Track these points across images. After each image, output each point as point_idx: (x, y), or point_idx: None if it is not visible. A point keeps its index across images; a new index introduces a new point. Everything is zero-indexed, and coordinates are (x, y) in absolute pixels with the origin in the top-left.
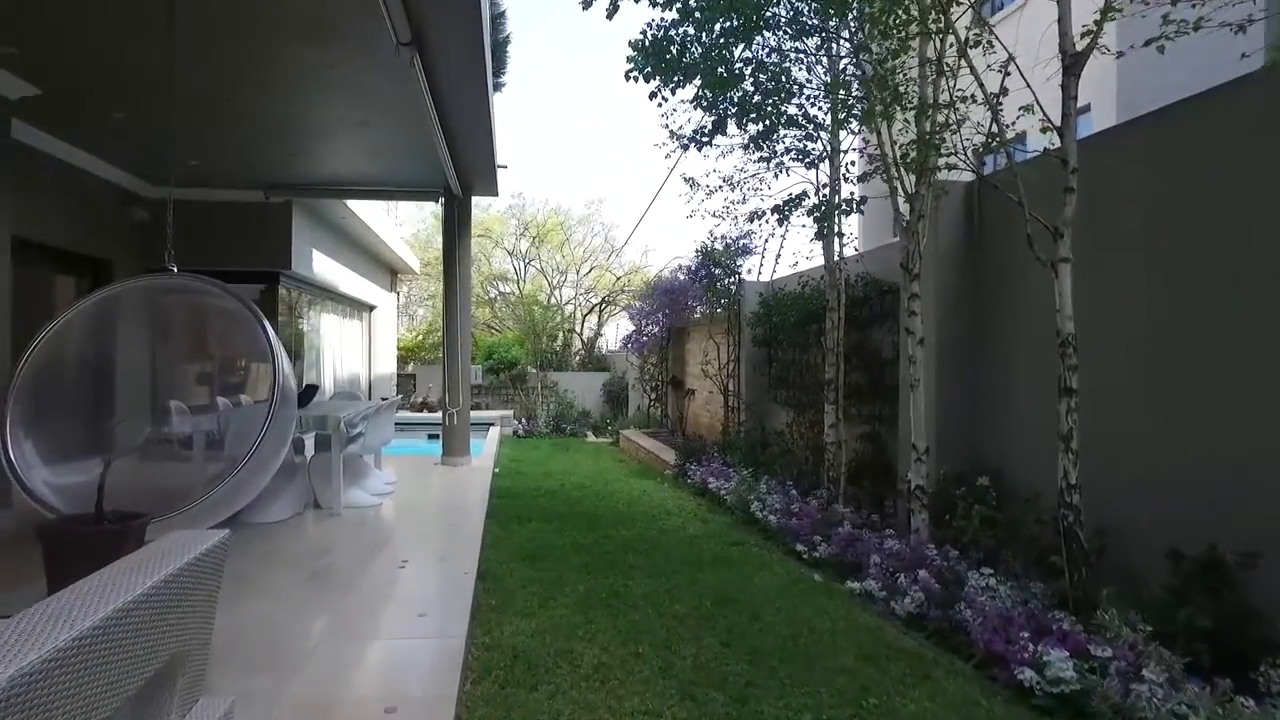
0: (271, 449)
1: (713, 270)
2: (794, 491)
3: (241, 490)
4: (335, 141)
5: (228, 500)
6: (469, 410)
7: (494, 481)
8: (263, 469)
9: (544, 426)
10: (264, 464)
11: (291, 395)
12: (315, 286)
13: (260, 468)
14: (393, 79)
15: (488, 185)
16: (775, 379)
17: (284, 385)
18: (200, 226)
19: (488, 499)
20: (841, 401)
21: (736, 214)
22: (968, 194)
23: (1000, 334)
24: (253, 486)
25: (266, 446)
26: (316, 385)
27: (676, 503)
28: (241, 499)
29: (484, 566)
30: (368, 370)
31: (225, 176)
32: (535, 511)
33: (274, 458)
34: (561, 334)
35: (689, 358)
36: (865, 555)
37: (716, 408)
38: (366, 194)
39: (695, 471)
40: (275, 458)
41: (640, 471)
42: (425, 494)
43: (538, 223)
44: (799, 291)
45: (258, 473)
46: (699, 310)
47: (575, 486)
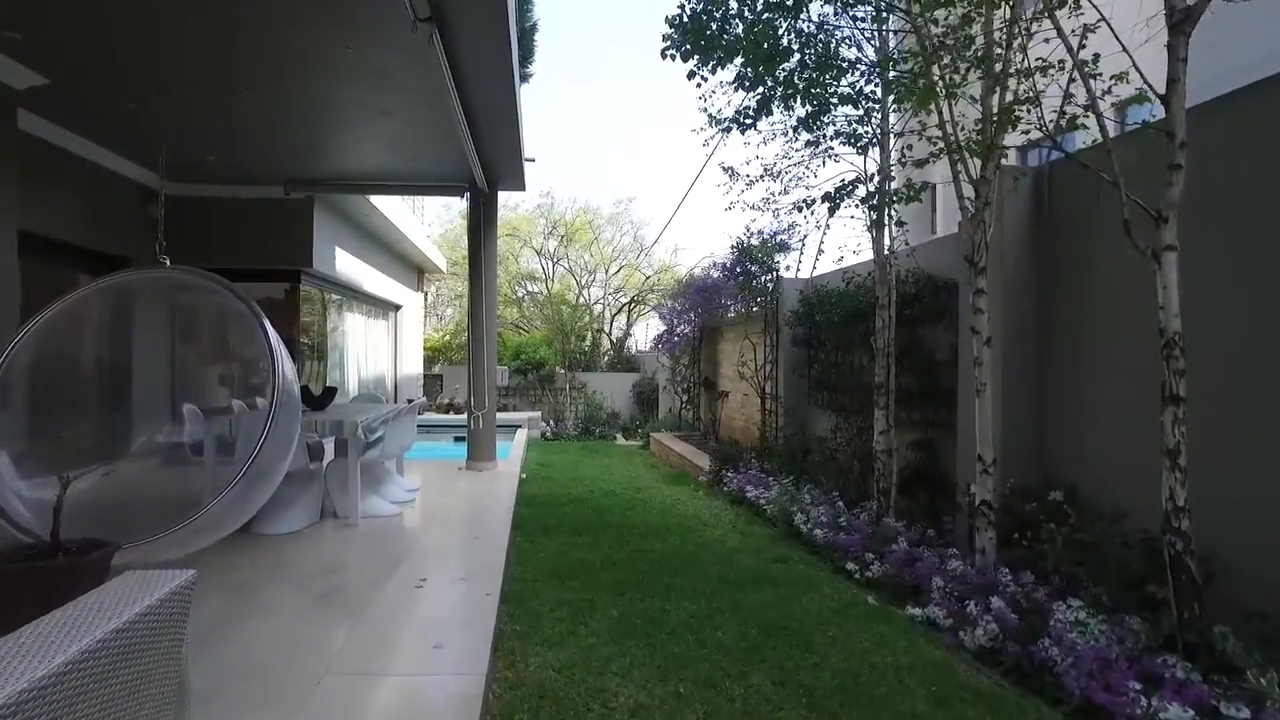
0: (271, 461)
1: (749, 267)
2: (840, 503)
3: (236, 509)
4: (356, 133)
5: (219, 521)
6: (495, 413)
7: (521, 488)
8: (262, 483)
9: (572, 429)
10: (264, 478)
11: (294, 400)
12: (339, 285)
13: (259, 482)
14: (413, 62)
15: (514, 180)
16: (816, 381)
17: (285, 389)
18: (219, 224)
19: (513, 508)
20: (892, 406)
21: (778, 206)
22: (1036, 179)
23: (1074, 333)
24: (250, 504)
25: (264, 459)
26: (335, 387)
27: (712, 512)
28: (235, 519)
29: (508, 586)
30: (393, 371)
31: (244, 172)
32: (564, 522)
33: (274, 471)
34: (590, 334)
35: (722, 358)
36: (925, 577)
37: (752, 411)
38: (389, 189)
39: (731, 478)
40: (275, 471)
41: (673, 477)
42: (448, 502)
43: (566, 221)
44: (843, 289)
45: (255, 489)
46: (733, 309)
47: (605, 494)
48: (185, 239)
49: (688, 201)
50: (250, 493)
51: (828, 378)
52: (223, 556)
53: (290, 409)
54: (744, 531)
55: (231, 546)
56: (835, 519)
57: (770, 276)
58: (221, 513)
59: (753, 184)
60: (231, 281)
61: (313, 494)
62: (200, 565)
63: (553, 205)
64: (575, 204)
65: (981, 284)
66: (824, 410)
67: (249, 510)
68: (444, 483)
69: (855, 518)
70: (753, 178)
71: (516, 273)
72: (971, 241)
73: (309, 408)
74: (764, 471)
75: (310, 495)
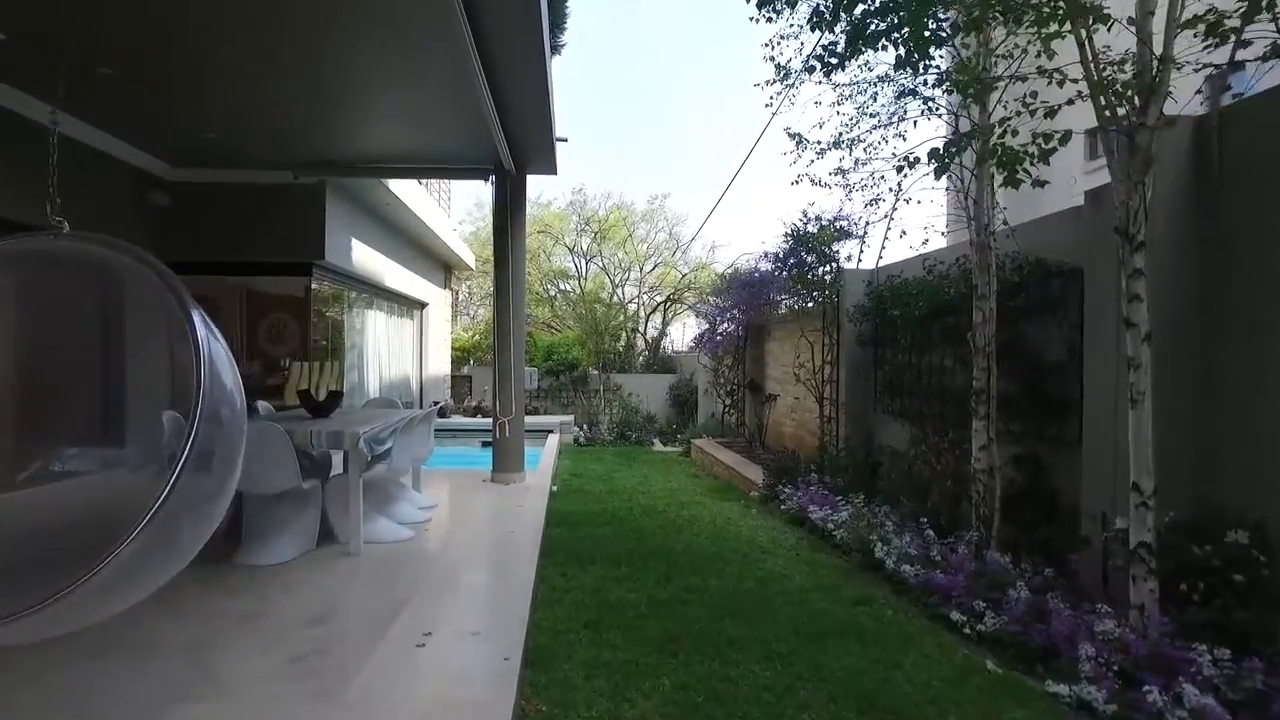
0: (204, 495)
1: (804, 257)
2: (929, 530)
3: (156, 566)
4: (370, 105)
5: (129, 583)
6: (523, 419)
7: (551, 503)
8: (176, 546)
9: (607, 433)
10: (177, 536)
11: (231, 413)
12: (355, 280)
13: (171, 541)
14: (431, 20)
15: (545, 161)
16: (885, 385)
17: (220, 398)
18: (220, 212)
19: (542, 529)
20: (993, 416)
21: (850, 183)
22: (1198, 129)
23: (1257, 322)
24: (174, 557)
25: (185, 496)
26: (340, 391)
27: (770, 535)
28: (155, 576)
29: (533, 640)
30: (419, 372)
31: (246, 154)
32: (600, 547)
33: (207, 509)
34: (625, 334)
35: (769, 359)
36: (1063, 637)
37: (805, 416)
38: (407, 171)
39: (790, 495)
40: (210, 509)
41: (719, 490)
42: (468, 522)
43: (599, 218)
44: (924, 278)
45: (168, 549)
46: (784, 305)
47: (646, 510)
48: (185, 228)
49: (726, 198)
50: (162, 554)
51: (900, 381)
52: (186, 598)
53: (225, 430)
54: (811, 562)
55: (201, 582)
56: (925, 551)
57: (829, 267)
58: (110, 584)
59: (823, 153)
60: (239, 276)
61: (308, 517)
62: (151, 612)
63: (585, 202)
64: (609, 200)
65: (1139, 263)
66: (895, 418)
67: (176, 563)
68: (465, 498)
69: (950, 550)
70: (824, 145)
71: (549, 270)
72: (1126, 209)
73: (311, 415)
74: (827, 488)
75: (305, 518)
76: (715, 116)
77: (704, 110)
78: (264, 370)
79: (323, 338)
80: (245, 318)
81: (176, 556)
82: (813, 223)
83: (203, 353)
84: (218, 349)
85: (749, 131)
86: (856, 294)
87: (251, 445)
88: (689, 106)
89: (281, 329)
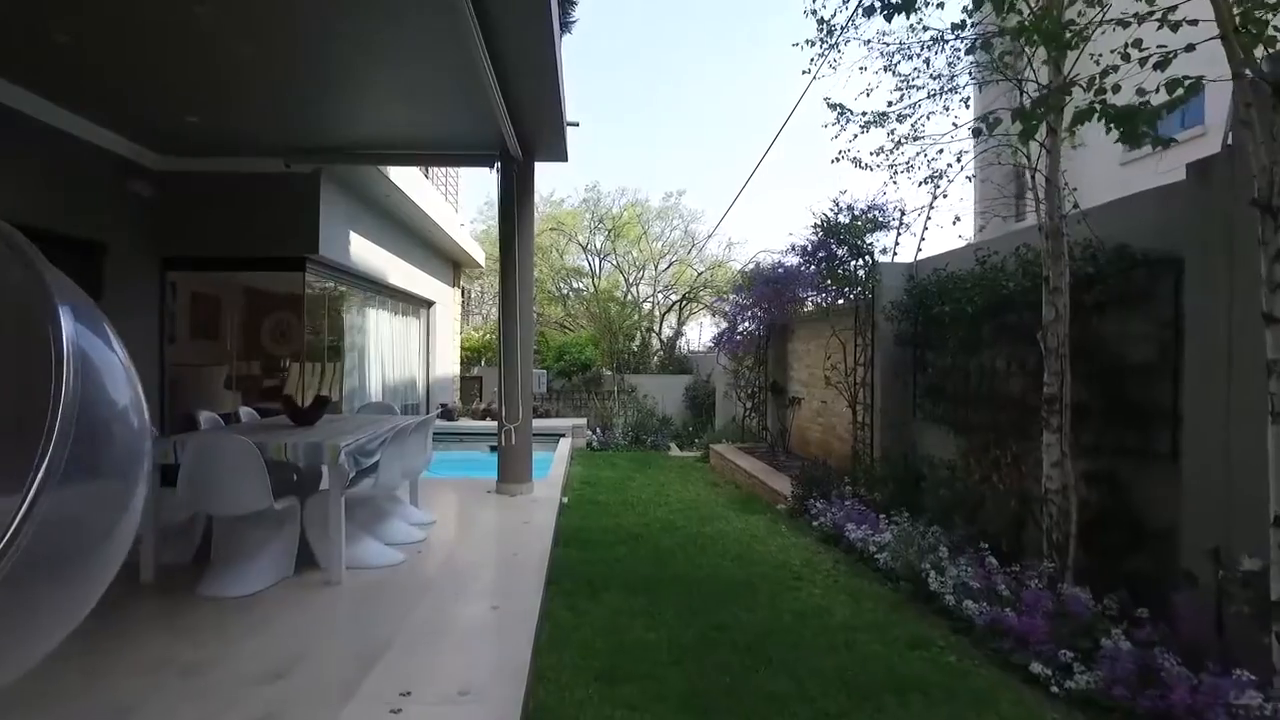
0: (93, 529)
1: (833, 250)
2: (990, 558)
3: (27, 616)
4: (363, 84)
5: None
6: (530, 425)
7: (561, 518)
8: (32, 610)
9: (621, 437)
10: (34, 598)
11: (126, 431)
12: (355, 276)
13: (29, 603)
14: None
15: (554, 147)
16: (927, 389)
17: (108, 413)
18: (209, 203)
19: (550, 549)
20: (1068, 428)
21: (895, 160)
22: None
23: None
24: (54, 605)
25: (57, 532)
26: (327, 397)
27: (803, 557)
28: (37, 628)
29: (534, 697)
30: (426, 374)
31: (235, 140)
32: (614, 572)
33: (98, 547)
34: (639, 333)
35: (793, 360)
36: (1186, 709)
37: (833, 421)
38: (407, 159)
39: (822, 510)
40: (102, 548)
41: (742, 502)
42: (468, 543)
43: (613, 215)
44: (976, 271)
45: (66, 583)
46: (810, 302)
47: (665, 526)
48: (173, 221)
49: (742, 196)
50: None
51: (945, 385)
52: (128, 643)
53: (115, 451)
54: (853, 591)
55: (154, 621)
56: (988, 582)
57: (863, 261)
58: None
59: (868, 127)
60: (229, 271)
61: (283, 540)
62: (75, 665)
63: (599, 199)
64: (623, 196)
65: None
66: (938, 426)
67: (38, 628)
68: (466, 513)
69: (1016, 581)
70: (869, 117)
71: (561, 268)
72: (1270, 176)
73: (294, 423)
74: (862, 501)
75: (280, 542)
76: (732, 114)
77: (721, 107)
78: (260, 373)
79: (320, 338)
80: (236, 316)
81: (58, 604)
82: (844, 212)
83: (67, 356)
84: (109, 358)
85: (764, 130)
86: (894, 289)
87: (213, 460)
88: (706, 104)
89: (274, 328)
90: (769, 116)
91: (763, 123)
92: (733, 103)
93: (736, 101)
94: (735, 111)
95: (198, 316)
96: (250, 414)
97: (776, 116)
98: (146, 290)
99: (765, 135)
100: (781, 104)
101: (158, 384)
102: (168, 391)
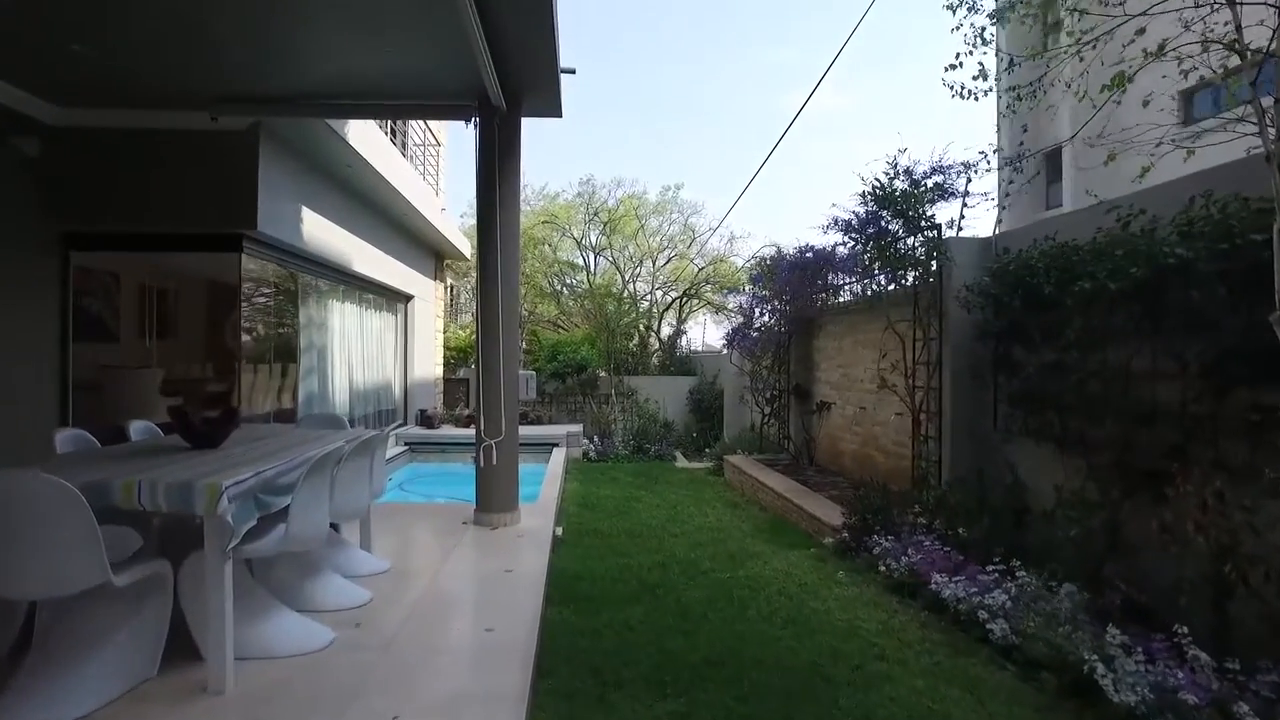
0: None
1: (885, 225)
2: (1197, 652)
3: None
4: (309, 13)
5: None
6: (516, 439)
7: (555, 558)
8: None
9: (621, 446)
10: None
11: None
12: (310, 261)
13: None
14: None
15: (546, 97)
16: (1021, 394)
17: None
18: (117, 167)
19: (539, 613)
20: None
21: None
22: None
23: None
24: None
25: None
26: (236, 409)
27: (877, 618)
28: None
29: None
30: (403, 376)
31: (149, 88)
32: (628, 651)
33: None
34: (638, 331)
35: (820, 359)
36: None
37: (874, 431)
38: (365, 110)
39: (891, 550)
40: None
41: (774, 530)
42: (426, 608)
43: (608, 209)
44: (1120, 236)
45: None
46: (848, 289)
47: (687, 568)
48: (72, 189)
49: (744, 191)
50: None
51: (1051, 389)
52: None
53: None
54: (968, 682)
55: None
56: (1207, 693)
57: (930, 235)
58: None
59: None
60: (145, 251)
61: (143, 625)
62: None
63: (594, 192)
64: (619, 189)
65: None
66: (1039, 442)
67: None
68: (433, 555)
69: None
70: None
71: (554, 261)
72: None
73: (190, 445)
74: (937, 536)
75: (135, 629)
76: (730, 111)
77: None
78: (191, 376)
79: (267, 334)
80: (161, 307)
81: None
82: (901, 177)
83: None
84: None
85: (760, 123)
86: (969, 270)
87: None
88: (704, 99)
89: (207, 322)
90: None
91: (759, 114)
92: (728, 93)
93: (731, 91)
94: (734, 104)
95: (112, 307)
96: (147, 429)
97: (773, 113)
98: (41, 275)
99: (761, 128)
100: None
101: (58, 391)
102: (72, 400)
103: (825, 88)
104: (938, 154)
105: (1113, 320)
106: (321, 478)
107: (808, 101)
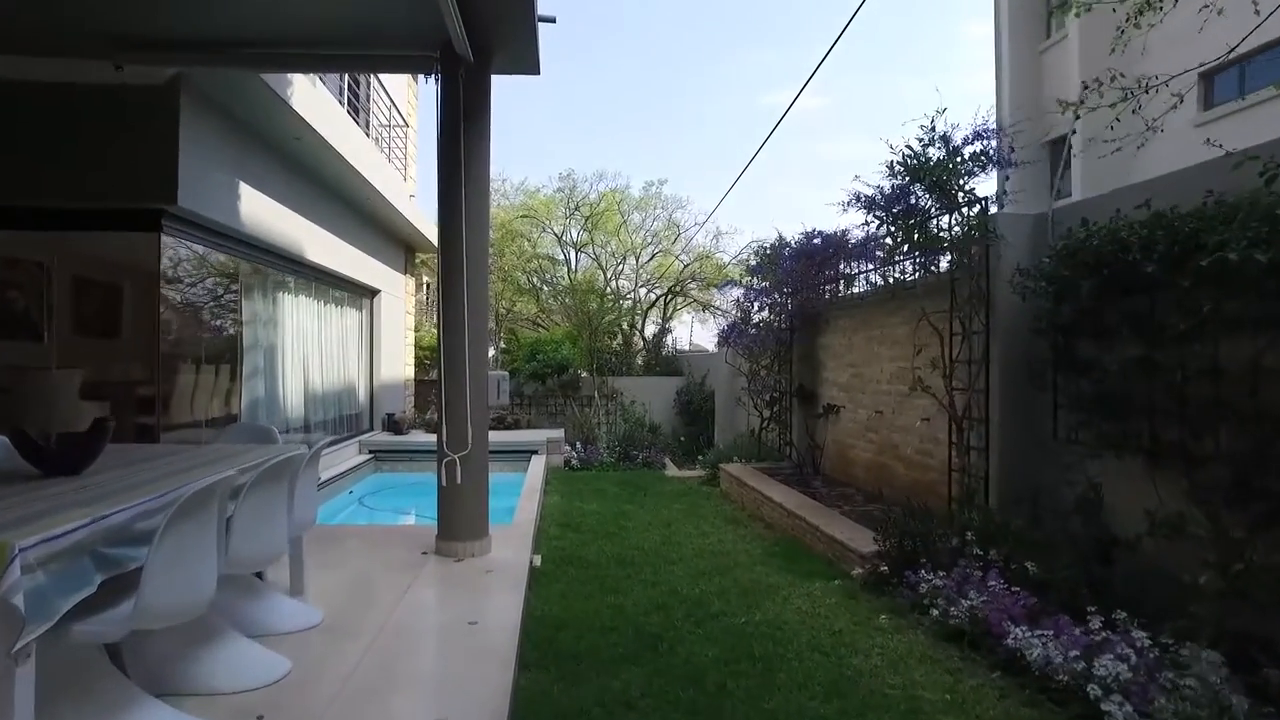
0: None
1: (915, 201)
2: None
3: None
4: None
5: None
6: (486, 453)
7: (531, 597)
8: None
9: (606, 453)
10: None
11: None
12: (250, 247)
13: None
14: None
15: (521, 49)
16: (1095, 398)
17: None
18: (8, 128)
19: (510, 687)
20: None
21: None
22: None
23: None
24: None
25: None
26: (105, 419)
27: (940, 684)
28: None
29: None
30: (368, 378)
31: (29, 27)
32: None
33: None
34: (621, 330)
35: (827, 357)
36: None
37: (893, 438)
38: (304, 61)
39: (937, 585)
40: None
41: (786, 554)
42: (362, 682)
43: (590, 203)
44: (1254, 196)
45: None
46: (863, 278)
47: (693, 610)
48: None
49: (730, 186)
50: None
51: (1139, 393)
52: None
53: None
54: None
55: None
56: None
57: (961, 215)
58: None
59: None
60: (42, 230)
61: None
62: None
63: (574, 186)
64: (601, 182)
65: None
66: (1123, 457)
67: None
68: (379, 601)
69: None
70: None
71: (533, 256)
72: None
73: (41, 472)
74: (998, 570)
75: None
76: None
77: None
78: (98, 379)
79: (199, 330)
80: (61, 297)
81: None
82: (936, 144)
83: None
84: None
85: (746, 126)
86: (1021, 251)
87: None
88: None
89: (115, 315)
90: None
91: (740, 114)
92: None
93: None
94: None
95: (3, 297)
96: (3, 446)
97: (754, 112)
98: None
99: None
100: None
101: None
102: None
103: (806, 88)
104: (981, 116)
105: (1237, 305)
106: (196, 521)
107: (796, 98)
